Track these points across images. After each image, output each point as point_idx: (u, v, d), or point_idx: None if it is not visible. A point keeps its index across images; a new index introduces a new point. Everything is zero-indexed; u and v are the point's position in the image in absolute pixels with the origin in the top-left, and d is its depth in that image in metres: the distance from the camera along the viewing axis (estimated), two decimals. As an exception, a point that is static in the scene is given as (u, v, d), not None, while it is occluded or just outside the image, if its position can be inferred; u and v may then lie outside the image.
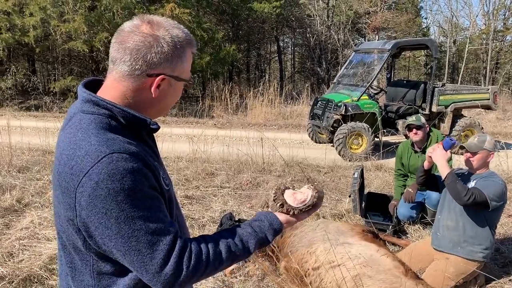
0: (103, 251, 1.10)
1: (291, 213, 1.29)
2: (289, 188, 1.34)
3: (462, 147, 3.33)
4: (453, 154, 4.21)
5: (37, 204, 4.77)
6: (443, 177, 3.14)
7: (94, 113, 1.13)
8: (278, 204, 1.30)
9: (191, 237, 1.49)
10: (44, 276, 3.27)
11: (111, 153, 1.04)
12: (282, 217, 1.30)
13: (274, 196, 1.32)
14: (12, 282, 3.13)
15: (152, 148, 1.25)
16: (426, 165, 3.45)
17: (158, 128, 1.22)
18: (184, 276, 1.09)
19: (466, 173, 3.37)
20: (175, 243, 1.09)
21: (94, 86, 1.23)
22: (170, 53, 1.15)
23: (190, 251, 1.11)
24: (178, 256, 1.08)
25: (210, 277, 3.32)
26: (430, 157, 3.33)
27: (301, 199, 1.30)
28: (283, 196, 1.31)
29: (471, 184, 3.21)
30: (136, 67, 1.13)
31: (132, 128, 1.17)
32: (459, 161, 5.23)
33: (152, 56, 1.13)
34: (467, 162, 3.28)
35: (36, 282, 3.21)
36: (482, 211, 3.14)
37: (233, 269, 3.41)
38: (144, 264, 1.07)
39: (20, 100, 14.60)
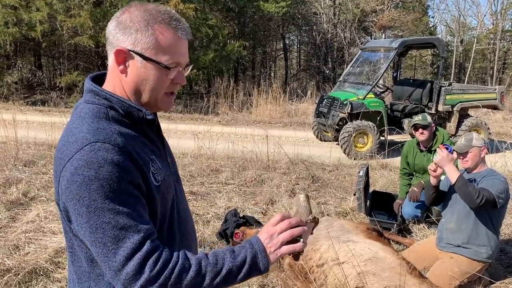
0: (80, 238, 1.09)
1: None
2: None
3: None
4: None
5: (43, 198, 4.80)
6: (453, 181, 3.07)
7: (94, 103, 1.16)
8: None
9: (196, 231, 1.49)
10: (50, 269, 3.29)
11: (95, 142, 1.05)
12: (262, 235, 1.19)
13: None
14: (18, 274, 3.16)
15: (153, 141, 1.24)
16: (433, 181, 3.35)
17: (153, 119, 1.20)
18: (145, 280, 1.03)
19: (465, 174, 3.36)
20: (143, 244, 1.04)
21: (102, 79, 1.25)
22: (129, 25, 1.14)
23: (159, 256, 1.06)
24: (143, 258, 1.03)
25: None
26: (435, 171, 3.28)
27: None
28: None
29: (475, 185, 3.20)
30: (109, 41, 1.17)
31: (130, 118, 1.17)
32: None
33: (117, 30, 1.15)
34: (464, 164, 3.28)
35: (42, 275, 3.23)
36: (488, 211, 3.13)
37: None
38: (108, 259, 1.04)
39: (26, 95, 14.67)
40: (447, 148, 3.24)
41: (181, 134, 9.07)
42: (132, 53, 1.14)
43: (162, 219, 1.22)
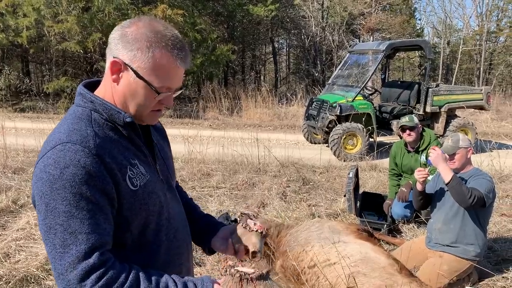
0: None
1: (229, 271, 1.16)
2: (240, 265, 1.22)
3: None
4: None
5: (32, 205, 4.76)
6: (446, 180, 3.09)
7: (80, 105, 1.19)
8: (224, 272, 1.19)
9: (190, 240, 1.47)
10: (41, 276, 3.28)
11: (66, 142, 1.08)
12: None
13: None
14: (9, 282, 3.14)
15: (138, 147, 1.25)
16: (419, 187, 3.39)
17: (132, 121, 1.20)
18: None
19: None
20: (89, 255, 1.05)
21: (96, 86, 1.28)
22: (132, 41, 1.15)
23: (104, 273, 1.05)
24: (87, 270, 1.04)
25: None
26: (423, 178, 3.31)
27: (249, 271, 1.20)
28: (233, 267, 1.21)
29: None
30: (110, 46, 1.19)
31: (114, 122, 1.19)
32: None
33: (120, 41, 1.16)
34: (451, 165, 3.32)
35: (33, 282, 3.21)
36: (476, 210, 3.18)
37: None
38: (55, 260, 1.06)
39: (14, 102, 14.52)
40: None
41: (171, 138, 8.96)
42: (127, 66, 1.16)
43: (144, 224, 1.22)
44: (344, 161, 7.80)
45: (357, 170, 4.84)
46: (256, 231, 1.35)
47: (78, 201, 1.06)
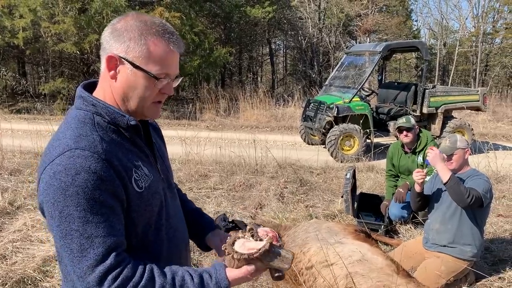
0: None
1: (232, 255, 1.19)
2: (240, 238, 1.25)
3: None
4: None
5: (29, 207, 4.76)
6: (445, 180, 3.10)
7: (82, 109, 1.19)
8: (227, 254, 1.21)
9: (188, 238, 1.48)
10: (38, 278, 3.27)
11: (75, 149, 1.08)
12: (230, 273, 1.19)
13: (223, 247, 1.23)
14: (6, 284, 3.13)
15: (140, 148, 1.26)
16: (417, 188, 3.40)
17: (136, 124, 1.21)
18: None
19: None
20: (106, 256, 1.08)
21: (94, 87, 1.27)
22: (123, 33, 1.16)
23: (120, 273, 1.09)
24: (105, 271, 1.07)
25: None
26: (422, 179, 3.33)
27: (249, 247, 1.21)
28: (232, 246, 1.22)
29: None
30: (103, 46, 1.19)
31: (116, 125, 1.19)
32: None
33: (111, 37, 1.17)
34: (448, 166, 3.33)
35: (30, 284, 3.20)
36: (473, 210, 3.19)
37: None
38: (73, 264, 1.08)
39: (10, 103, 14.47)
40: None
41: (169, 139, 9.03)
42: (123, 60, 1.16)
43: (147, 224, 1.23)
44: (341, 162, 7.81)
45: (354, 171, 4.85)
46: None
47: (92, 206, 1.07)
